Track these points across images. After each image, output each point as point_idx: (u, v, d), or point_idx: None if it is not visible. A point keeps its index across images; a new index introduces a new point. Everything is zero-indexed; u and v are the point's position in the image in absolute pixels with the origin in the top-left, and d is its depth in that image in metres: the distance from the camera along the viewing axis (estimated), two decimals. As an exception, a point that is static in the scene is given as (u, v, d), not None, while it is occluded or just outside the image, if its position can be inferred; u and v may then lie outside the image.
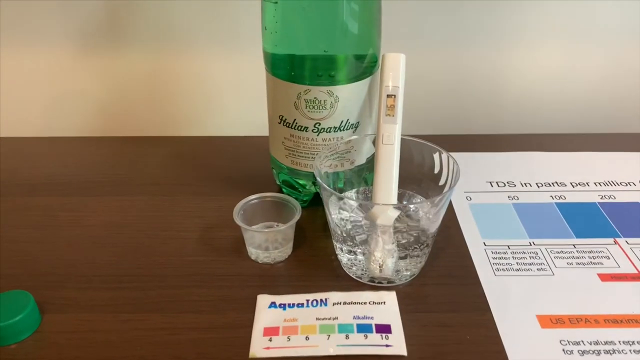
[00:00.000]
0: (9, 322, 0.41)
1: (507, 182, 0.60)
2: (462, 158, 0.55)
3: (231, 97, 0.73)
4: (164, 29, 0.69)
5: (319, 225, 0.54)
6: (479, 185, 0.60)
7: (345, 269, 0.48)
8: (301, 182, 0.55)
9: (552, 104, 0.73)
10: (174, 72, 0.71)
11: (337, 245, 0.48)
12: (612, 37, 0.69)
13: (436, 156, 0.49)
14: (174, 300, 0.45)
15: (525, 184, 0.60)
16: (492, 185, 0.60)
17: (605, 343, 0.41)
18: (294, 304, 0.45)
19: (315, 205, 0.56)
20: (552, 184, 0.60)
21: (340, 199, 0.47)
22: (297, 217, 0.49)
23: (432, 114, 0.72)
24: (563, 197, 0.58)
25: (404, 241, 0.46)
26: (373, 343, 0.41)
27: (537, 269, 0.49)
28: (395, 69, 0.49)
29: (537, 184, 0.60)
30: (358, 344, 0.41)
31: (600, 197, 0.58)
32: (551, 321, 0.43)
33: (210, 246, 0.51)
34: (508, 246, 0.51)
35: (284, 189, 0.57)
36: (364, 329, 0.42)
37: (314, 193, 0.56)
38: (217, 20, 0.68)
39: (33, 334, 0.42)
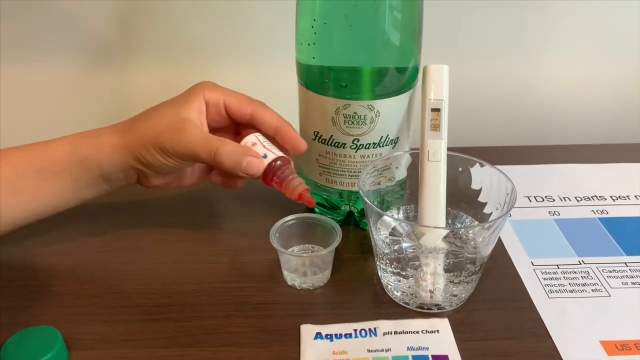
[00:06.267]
0: (36, 362, 0.37)
1: (546, 197, 0.58)
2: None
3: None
4: (177, 42, 0.66)
5: (354, 247, 0.51)
6: (517, 201, 0.57)
7: (389, 293, 0.46)
8: (334, 200, 0.52)
9: (584, 113, 0.71)
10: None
11: (382, 267, 0.45)
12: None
13: (485, 174, 0.47)
14: (212, 332, 0.42)
15: (563, 198, 0.58)
16: (530, 200, 0.57)
17: (679, 371, 0.39)
18: (341, 335, 0.42)
19: (346, 224, 0.53)
20: (592, 197, 0.58)
21: (391, 223, 0.44)
22: (337, 240, 0.46)
23: (460, 126, 0.70)
24: (605, 212, 0.55)
25: (455, 265, 0.43)
26: (433, 376, 0.38)
27: (592, 290, 0.46)
28: (439, 81, 0.46)
29: (576, 197, 0.58)
30: (417, 378, 0.38)
31: (644, 211, 0.56)
32: (617, 347, 0.41)
33: (243, 271, 0.48)
34: (557, 265, 0.49)
35: (316, 209, 0.54)
36: (420, 360, 0.39)
37: (347, 212, 0.53)
38: (232, 31, 0.65)
39: (62, 374, 0.39)
